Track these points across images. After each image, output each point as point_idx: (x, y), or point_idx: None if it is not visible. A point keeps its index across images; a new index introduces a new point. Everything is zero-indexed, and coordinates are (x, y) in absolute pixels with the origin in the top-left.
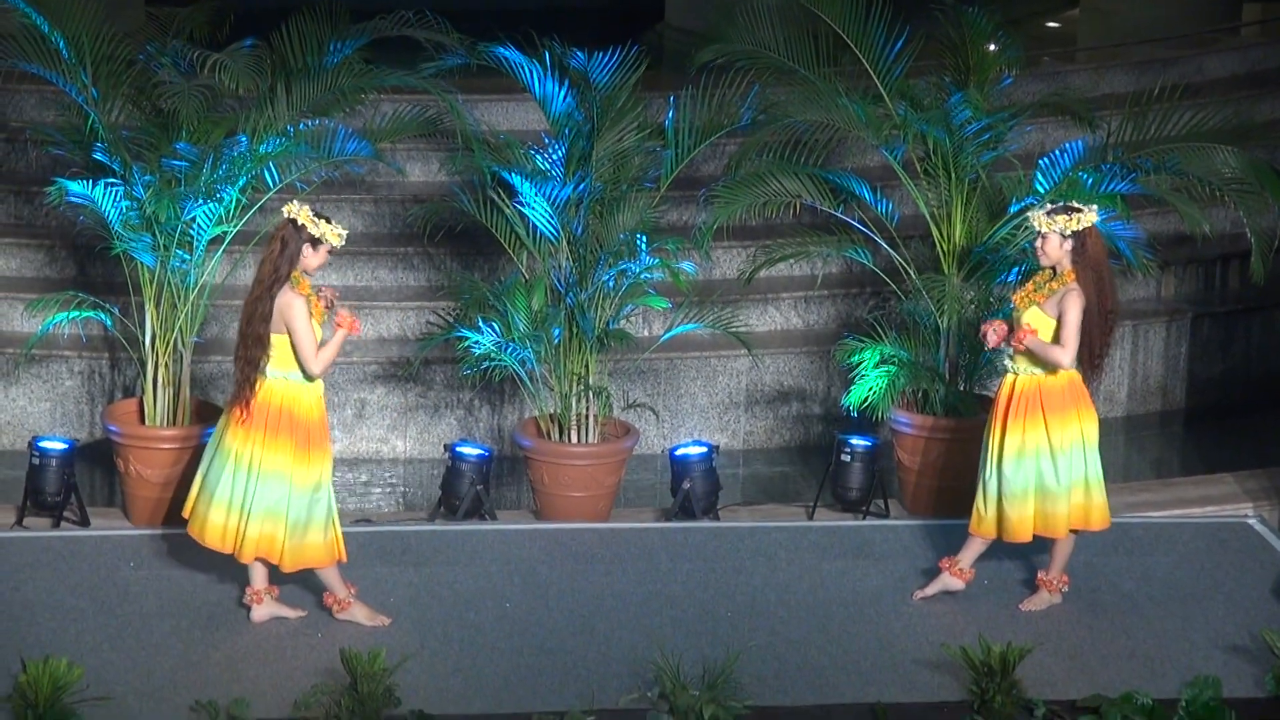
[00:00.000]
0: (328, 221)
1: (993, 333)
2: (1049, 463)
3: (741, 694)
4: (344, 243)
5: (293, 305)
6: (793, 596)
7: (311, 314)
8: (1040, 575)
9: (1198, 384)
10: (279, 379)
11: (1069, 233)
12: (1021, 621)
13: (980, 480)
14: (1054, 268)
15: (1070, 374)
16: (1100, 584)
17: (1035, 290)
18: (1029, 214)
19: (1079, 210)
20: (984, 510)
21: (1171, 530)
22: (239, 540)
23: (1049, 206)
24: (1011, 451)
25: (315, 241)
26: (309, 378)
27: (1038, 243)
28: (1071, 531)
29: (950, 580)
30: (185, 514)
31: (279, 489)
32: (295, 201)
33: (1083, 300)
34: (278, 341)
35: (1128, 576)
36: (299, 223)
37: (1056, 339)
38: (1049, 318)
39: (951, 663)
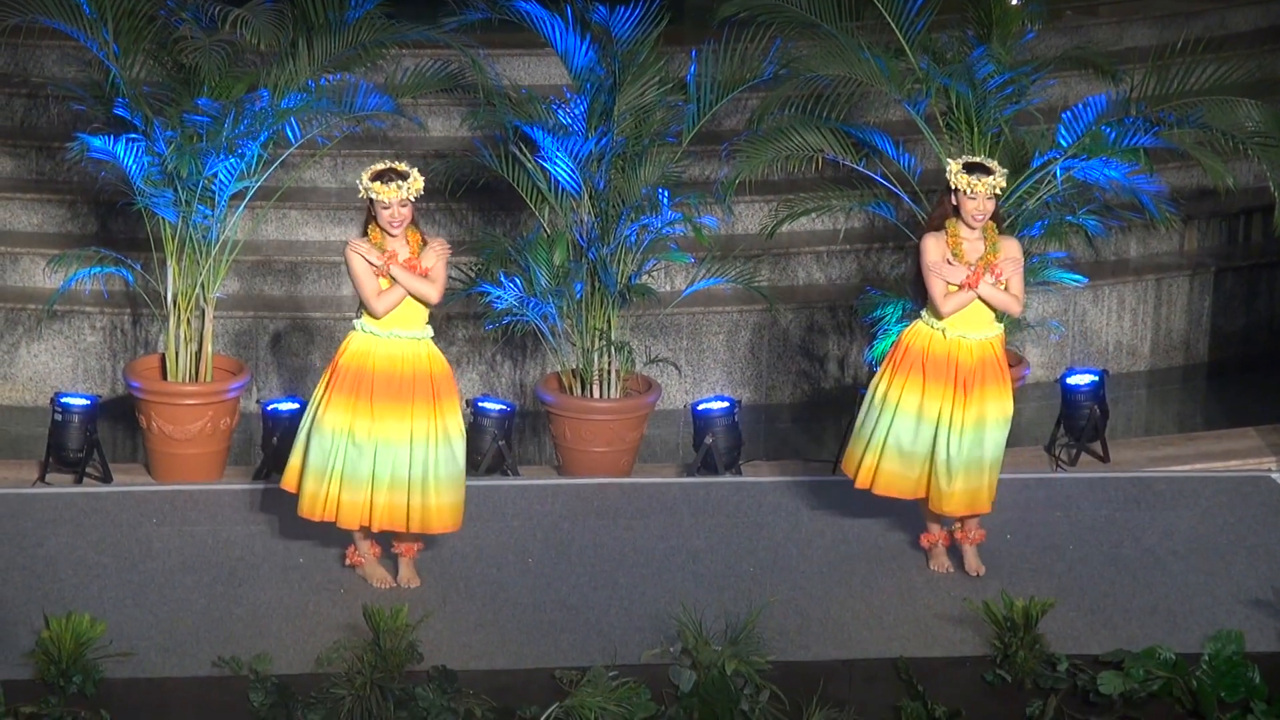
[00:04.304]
0: (384, 179)
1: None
2: (1000, 431)
3: (764, 648)
4: (389, 193)
5: (348, 258)
6: (815, 551)
7: (377, 261)
8: (958, 533)
9: (1221, 338)
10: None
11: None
12: (1044, 576)
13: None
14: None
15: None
16: (1123, 538)
17: (991, 251)
18: (977, 180)
19: (991, 165)
20: (945, 484)
21: (1194, 485)
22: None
23: (962, 161)
24: (997, 418)
25: (372, 201)
26: (374, 317)
27: (986, 205)
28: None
29: (940, 552)
30: None
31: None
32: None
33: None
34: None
35: (1150, 531)
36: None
37: None
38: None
39: (974, 617)
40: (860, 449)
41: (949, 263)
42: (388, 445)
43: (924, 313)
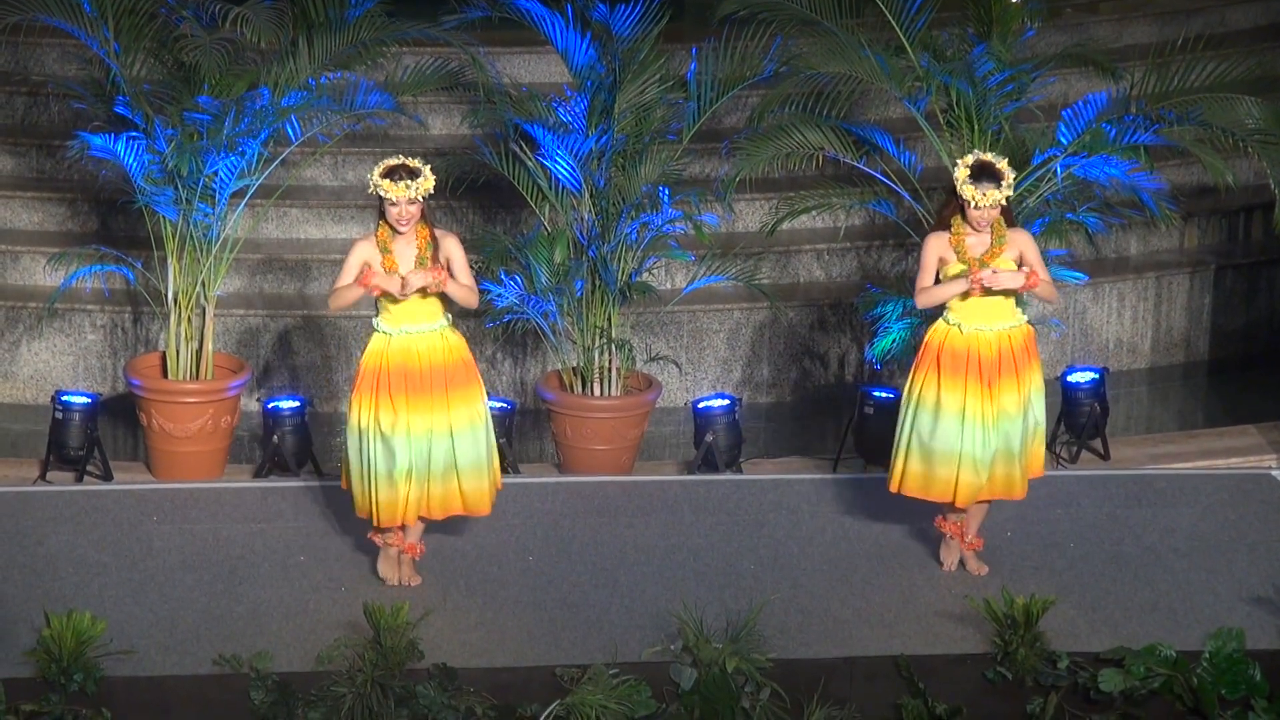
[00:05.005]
0: (394, 175)
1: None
2: (1010, 423)
3: (764, 646)
4: (397, 191)
5: (351, 250)
6: (815, 549)
7: (380, 261)
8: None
9: (1221, 335)
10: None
11: None
12: (1045, 574)
13: (957, 448)
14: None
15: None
16: (1123, 536)
17: (996, 245)
18: (982, 194)
19: (999, 167)
20: (979, 474)
21: (1195, 482)
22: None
23: (970, 160)
24: (1019, 407)
25: (381, 198)
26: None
27: (990, 213)
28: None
29: (953, 545)
30: None
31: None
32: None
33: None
34: None
35: (1151, 529)
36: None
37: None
38: (1014, 266)
39: (975, 615)
40: (894, 454)
41: (996, 270)
42: (417, 439)
43: (946, 310)
